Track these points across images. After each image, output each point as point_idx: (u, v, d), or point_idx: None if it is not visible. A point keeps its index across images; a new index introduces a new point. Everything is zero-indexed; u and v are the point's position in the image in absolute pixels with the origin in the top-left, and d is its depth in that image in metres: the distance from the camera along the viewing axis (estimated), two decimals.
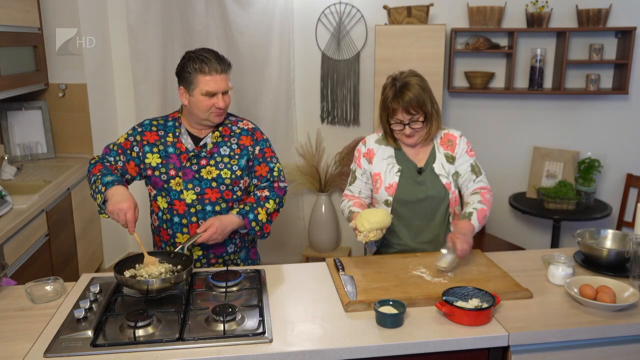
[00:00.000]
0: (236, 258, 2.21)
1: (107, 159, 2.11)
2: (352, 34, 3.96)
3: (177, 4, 3.90)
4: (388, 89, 2.11)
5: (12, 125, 3.68)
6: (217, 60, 2.01)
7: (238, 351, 1.49)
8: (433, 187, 2.17)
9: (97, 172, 2.02)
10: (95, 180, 1.99)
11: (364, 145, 2.28)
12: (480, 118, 4.00)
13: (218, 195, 2.08)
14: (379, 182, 2.21)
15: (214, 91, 2.00)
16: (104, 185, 1.94)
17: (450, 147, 2.22)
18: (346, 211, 2.22)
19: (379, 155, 2.23)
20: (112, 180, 1.96)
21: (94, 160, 2.12)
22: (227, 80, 2.04)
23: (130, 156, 2.11)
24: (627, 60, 3.69)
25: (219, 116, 2.07)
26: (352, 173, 2.32)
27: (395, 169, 2.19)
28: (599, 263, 2.00)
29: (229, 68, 2.06)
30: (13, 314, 1.71)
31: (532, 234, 4.19)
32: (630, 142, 3.99)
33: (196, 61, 2.00)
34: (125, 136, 2.15)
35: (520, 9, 3.83)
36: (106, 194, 1.92)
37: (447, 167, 2.20)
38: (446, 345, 1.56)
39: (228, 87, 2.05)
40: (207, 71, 1.99)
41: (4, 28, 3.06)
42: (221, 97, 2.03)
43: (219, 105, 2.02)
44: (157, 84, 4.03)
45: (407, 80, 2.08)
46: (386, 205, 2.19)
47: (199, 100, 2.02)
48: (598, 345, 1.66)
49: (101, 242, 3.99)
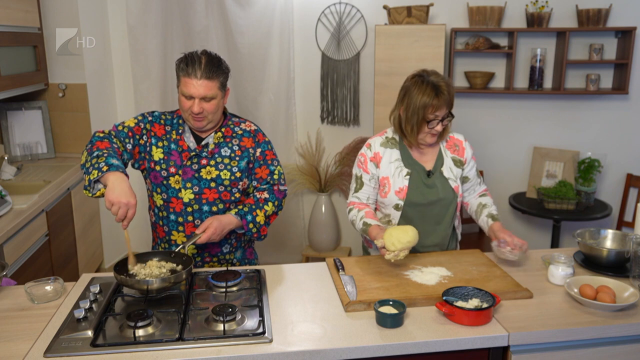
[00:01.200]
0: (232, 258, 2.21)
1: (118, 137, 2.03)
2: (352, 34, 3.96)
3: (177, 4, 3.90)
4: (422, 87, 2.06)
5: (12, 125, 3.68)
6: (203, 65, 1.96)
7: (238, 351, 1.49)
8: (443, 190, 2.18)
9: (104, 149, 1.92)
10: (99, 156, 1.86)
11: (369, 149, 2.22)
12: (480, 118, 4.00)
13: (216, 196, 2.08)
14: (387, 186, 2.19)
15: (189, 94, 1.97)
16: (107, 165, 1.82)
17: (457, 151, 2.24)
18: (359, 223, 2.13)
19: (385, 159, 2.20)
20: (117, 165, 1.85)
21: (102, 134, 2.02)
22: (208, 88, 1.96)
23: (138, 142, 2.07)
24: (627, 60, 3.69)
25: (196, 121, 2.02)
26: (356, 179, 2.24)
27: (403, 172, 2.18)
28: (599, 263, 2.00)
29: (219, 76, 1.99)
30: (13, 314, 1.71)
31: (532, 234, 4.19)
32: (630, 142, 3.99)
33: (184, 61, 1.99)
34: (136, 121, 2.09)
35: (520, 9, 3.83)
36: (106, 175, 1.80)
37: (455, 171, 2.21)
38: (446, 345, 1.56)
39: (208, 94, 1.97)
40: (188, 73, 1.96)
41: (4, 28, 3.06)
42: (197, 102, 1.97)
43: (193, 109, 1.98)
44: (157, 84, 4.03)
45: (439, 79, 2.08)
46: (396, 210, 2.18)
47: (180, 99, 2.02)
48: (598, 345, 1.66)
49: (101, 242, 3.99)
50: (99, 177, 1.81)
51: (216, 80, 1.99)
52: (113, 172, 1.81)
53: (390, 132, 2.25)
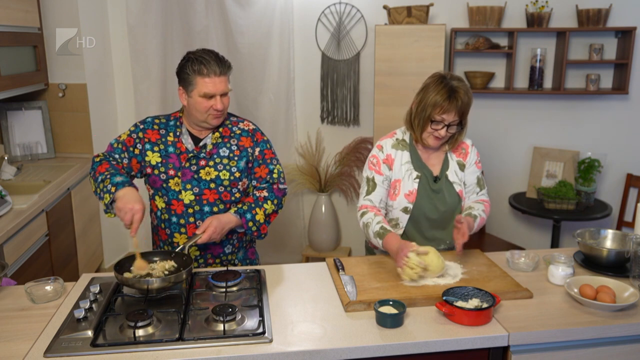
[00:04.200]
0: (234, 258, 2.21)
1: (112, 156, 2.10)
2: (352, 34, 3.96)
3: (177, 4, 3.90)
4: (439, 87, 2.05)
5: (12, 125, 3.68)
6: (216, 62, 2.00)
7: (238, 351, 1.49)
8: (449, 196, 2.17)
9: (105, 171, 2.00)
10: (104, 180, 1.97)
11: (381, 151, 2.19)
12: (480, 118, 4.00)
13: (216, 197, 2.08)
14: (397, 188, 2.16)
15: (212, 93, 1.99)
16: (113, 185, 1.93)
17: (462, 155, 2.23)
18: (375, 227, 2.05)
19: (397, 161, 2.17)
20: (122, 181, 1.94)
21: (98, 158, 2.10)
22: (226, 82, 2.03)
23: (133, 153, 2.11)
24: (627, 60, 3.69)
25: (216, 118, 2.05)
26: (368, 181, 2.18)
27: (413, 175, 2.16)
28: (599, 263, 2.00)
29: (229, 69, 2.04)
30: (13, 314, 1.71)
31: (532, 234, 4.19)
32: (630, 142, 3.99)
33: (195, 62, 1.98)
34: (128, 133, 2.14)
35: (520, 9, 3.83)
36: (116, 194, 1.91)
37: (459, 174, 2.20)
38: (446, 345, 1.56)
39: (227, 88, 2.03)
40: (206, 73, 1.97)
41: (4, 28, 3.05)
42: (219, 99, 2.01)
43: (217, 107, 2.00)
44: (157, 84, 4.03)
45: (460, 85, 2.06)
46: (405, 213, 2.15)
47: (197, 102, 2.01)
48: (598, 345, 1.66)
49: (101, 242, 3.99)
50: (112, 199, 1.92)
51: (228, 74, 2.04)
52: (120, 189, 1.92)
53: (400, 133, 2.23)
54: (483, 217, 2.14)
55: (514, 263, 2.03)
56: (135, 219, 1.85)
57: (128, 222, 1.85)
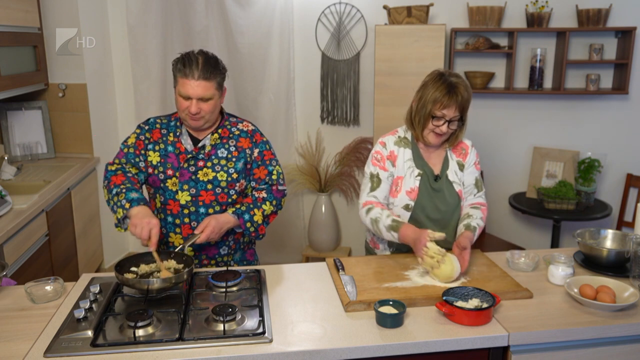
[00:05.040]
0: (230, 260, 2.20)
1: (129, 161, 2.09)
2: (352, 34, 3.96)
3: (177, 4, 3.90)
4: (438, 83, 2.06)
5: (12, 125, 3.68)
6: (201, 65, 1.96)
7: (238, 351, 1.49)
8: (449, 195, 2.17)
9: (120, 184, 1.99)
10: (119, 193, 1.96)
11: (384, 147, 2.19)
12: (480, 118, 4.00)
13: (212, 198, 2.08)
14: (399, 185, 2.16)
15: (187, 95, 1.97)
16: (128, 202, 1.92)
17: (462, 155, 2.23)
18: (386, 220, 2.05)
19: (400, 158, 2.18)
20: (137, 198, 1.94)
21: (114, 167, 2.09)
22: (206, 88, 1.96)
23: (145, 156, 2.11)
24: (627, 60, 3.69)
25: (193, 120, 2.02)
26: (372, 177, 2.17)
27: (415, 172, 2.16)
28: (599, 263, 2.00)
29: (217, 76, 1.99)
30: (13, 314, 1.71)
31: (532, 234, 4.19)
32: (630, 142, 3.99)
33: (180, 61, 1.99)
34: (135, 136, 2.13)
35: (520, 9, 3.83)
36: (130, 211, 1.91)
37: (459, 174, 2.21)
38: (446, 345, 1.56)
39: (206, 94, 1.97)
40: (185, 74, 1.96)
41: (4, 28, 3.05)
42: (194, 102, 1.97)
43: (190, 109, 1.98)
44: (157, 84, 4.03)
45: (459, 81, 2.07)
46: (406, 210, 2.15)
47: (177, 99, 2.02)
48: (598, 345, 1.66)
49: (101, 242, 3.99)
50: (125, 215, 1.93)
51: (213, 81, 1.99)
52: (134, 206, 1.92)
53: (401, 131, 2.23)
54: (481, 225, 2.14)
55: (514, 263, 2.03)
56: (153, 233, 1.85)
57: (146, 236, 1.84)
